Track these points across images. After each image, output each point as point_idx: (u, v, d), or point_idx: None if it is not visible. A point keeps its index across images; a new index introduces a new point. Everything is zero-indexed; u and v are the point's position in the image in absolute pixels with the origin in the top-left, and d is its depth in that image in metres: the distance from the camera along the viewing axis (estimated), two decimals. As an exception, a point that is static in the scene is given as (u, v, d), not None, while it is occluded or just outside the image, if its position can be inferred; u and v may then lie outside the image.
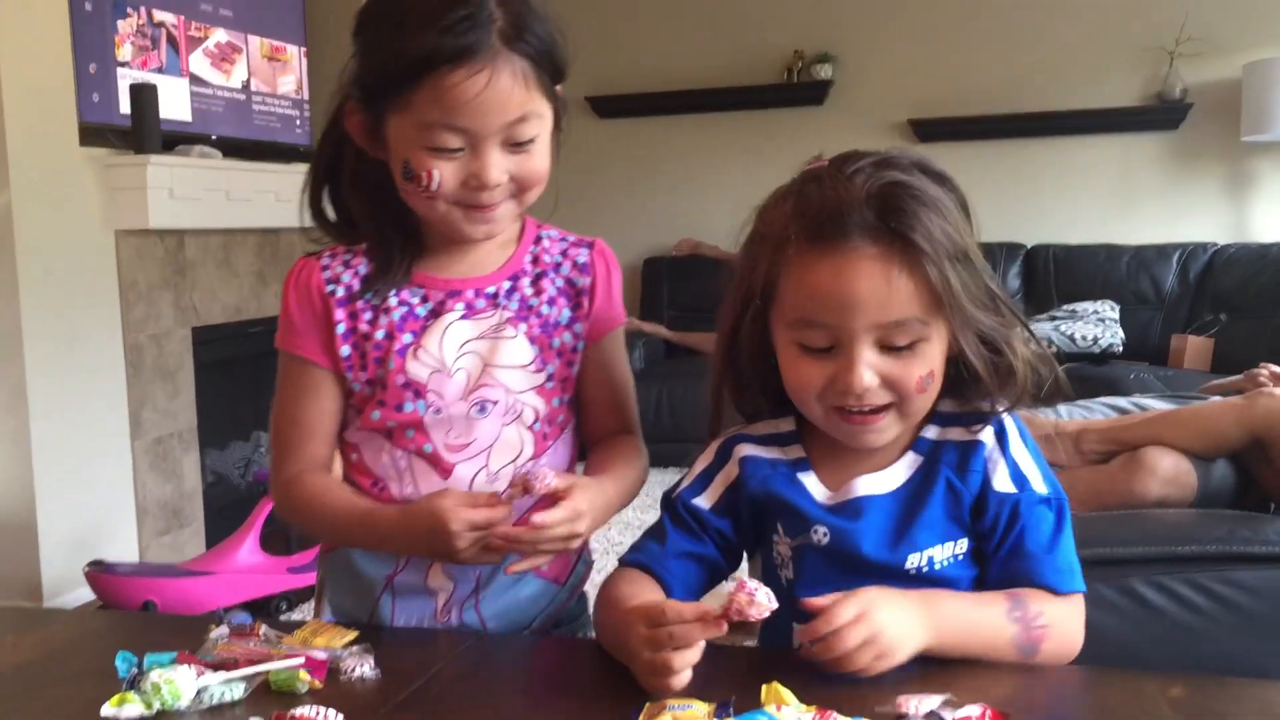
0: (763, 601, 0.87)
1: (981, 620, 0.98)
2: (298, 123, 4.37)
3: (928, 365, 1.01)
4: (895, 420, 1.03)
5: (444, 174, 1.07)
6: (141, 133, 3.33)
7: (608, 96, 5.44)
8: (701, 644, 0.89)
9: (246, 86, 4.08)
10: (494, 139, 1.07)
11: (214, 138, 3.81)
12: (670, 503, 1.13)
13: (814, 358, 1.02)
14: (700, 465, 1.14)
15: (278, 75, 4.27)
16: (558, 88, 1.12)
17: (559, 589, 1.23)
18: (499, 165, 1.08)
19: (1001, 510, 1.02)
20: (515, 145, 1.08)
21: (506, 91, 1.05)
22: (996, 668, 0.97)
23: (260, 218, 3.88)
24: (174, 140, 3.55)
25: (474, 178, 1.07)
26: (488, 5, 1.05)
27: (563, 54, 1.10)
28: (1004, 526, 1.02)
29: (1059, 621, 1.00)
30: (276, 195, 3.89)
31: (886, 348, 1.00)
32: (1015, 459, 1.04)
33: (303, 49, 4.40)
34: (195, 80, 3.81)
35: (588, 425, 1.25)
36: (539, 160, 1.11)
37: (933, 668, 0.95)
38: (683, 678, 0.89)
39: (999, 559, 1.03)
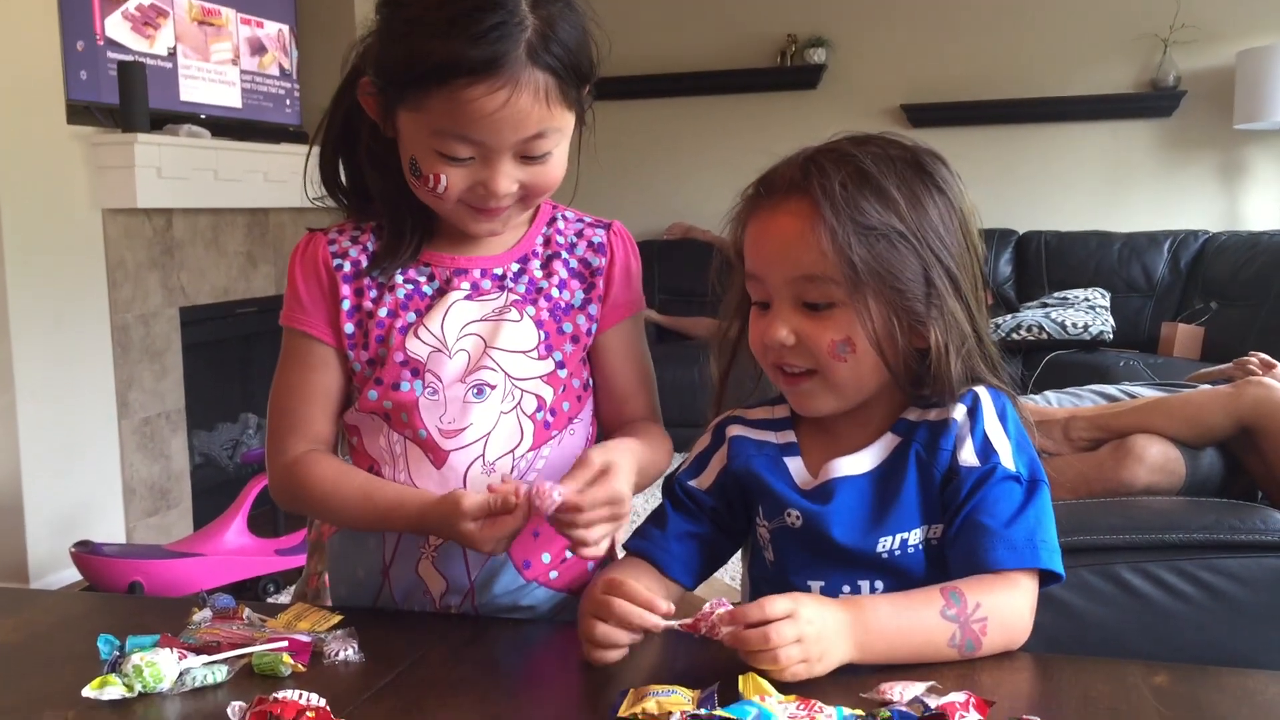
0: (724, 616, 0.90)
1: (914, 623, 0.93)
2: (287, 102, 4.35)
3: (843, 331, 1.00)
4: (823, 388, 1.03)
5: (451, 179, 1.05)
6: (129, 111, 3.31)
7: (599, 79, 5.41)
8: (637, 621, 0.92)
9: (236, 65, 4.06)
10: (507, 152, 1.04)
11: (203, 117, 3.79)
12: (670, 486, 1.13)
13: (759, 314, 1.06)
14: (698, 447, 1.15)
15: (267, 54, 4.24)
16: (585, 89, 1.08)
17: (567, 597, 1.19)
18: (509, 176, 1.05)
19: (964, 484, 1.00)
20: (529, 158, 1.06)
21: (525, 110, 1.01)
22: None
23: (249, 198, 3.86)
24: (162, 119, 3.53)
25: (482, 186, 1.05)
26: (519, 10, 1.00)
27: (591, 58, 1.07)
28: (962, 499, 1.00)
29: (1000, 610, 0.95)
30: (265, 175, 3.87)
31: (806, 305, 1.01)
32: (985, 433, 1.02)
33: (292, 28, 4.37)
34: (184, 58, 3.78)
35: (606, 413, 1.22)
36: (553, 170, 1.09)
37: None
38: (612, 654, 0.93)
39: (953, 532, 1.00)
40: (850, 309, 1.00)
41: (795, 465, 1.08)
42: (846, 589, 1.03)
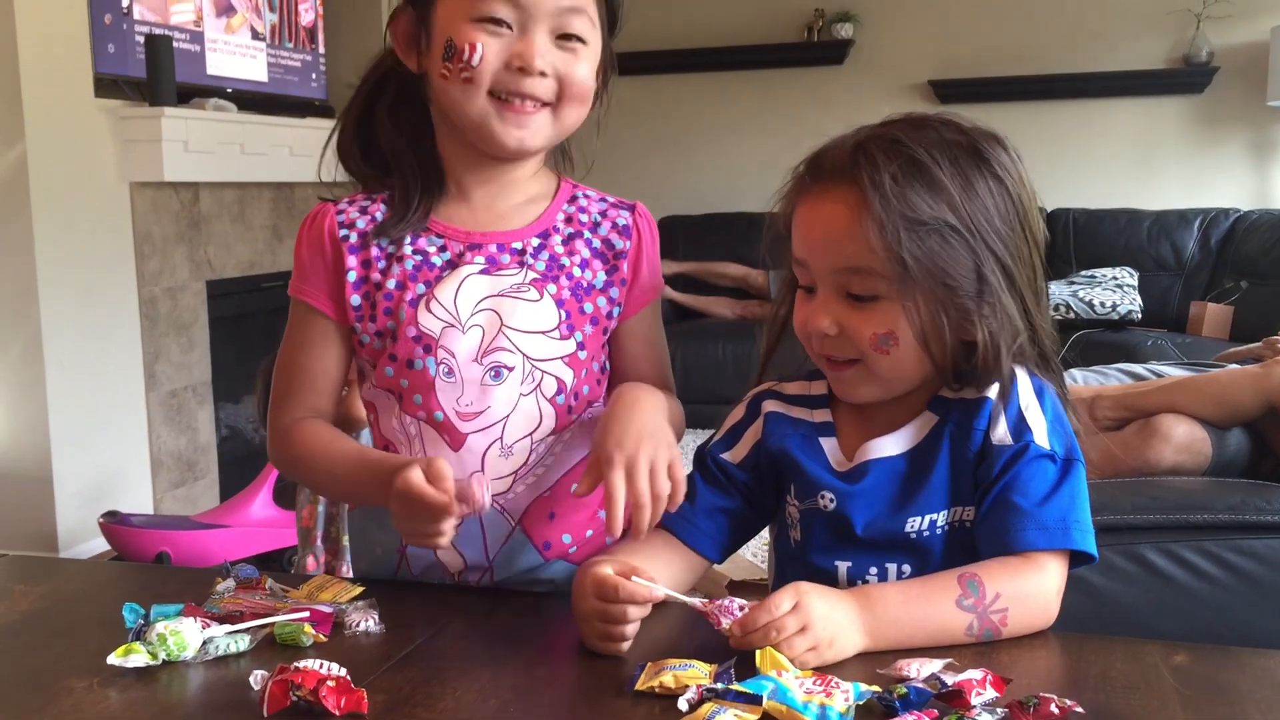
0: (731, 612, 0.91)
1: (927, 613, 0.93)
2: (313, 76, 4.35)
3: (885, 325, 0.99)
4: (866, 377, 1.02)
5: (487, 50, 1.05)
6: (156, 85, 3.32)
7: (624, 53, 5.34)
8: (643, 612, 0.92)
9: (261, 39, 4.06)
10: (544, 23, 1.05)
11: (229, 90, 3.80)
12: (701, 458, 1.12)
13: (805, 298, 1.04)
14: (731, 419, 1.13)
15: (293, 28, 4.24)
16: (612, 32, 1.12)
17: None
18: (545, 52, 1.06)
19: (996, 463, 0.99)
20: (563, 38, 1.07)
21: None
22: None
23: (275, 171, 3.87)
24: (189, 92, 3.54)
25: (518, 58, 1.05)
26: None
27: None
28: (994, 478, 0.99)
29: (1023, 597, 0.94)
30: (291, 149, 3.88)
31: (851, 296, 1.00)
32: (1020, 411, 1.00)
33: (319, 1, 4.37)
34: (210, 32, 3.79)
35: None
36: (583, 67, 1.09)
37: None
38: (626, 645, 0.93)
39: (983, 512, 0.99)
40: (894, 302, 0.98)
41: (830, 446, 1.07)
42: (873, 570, 1.02)
